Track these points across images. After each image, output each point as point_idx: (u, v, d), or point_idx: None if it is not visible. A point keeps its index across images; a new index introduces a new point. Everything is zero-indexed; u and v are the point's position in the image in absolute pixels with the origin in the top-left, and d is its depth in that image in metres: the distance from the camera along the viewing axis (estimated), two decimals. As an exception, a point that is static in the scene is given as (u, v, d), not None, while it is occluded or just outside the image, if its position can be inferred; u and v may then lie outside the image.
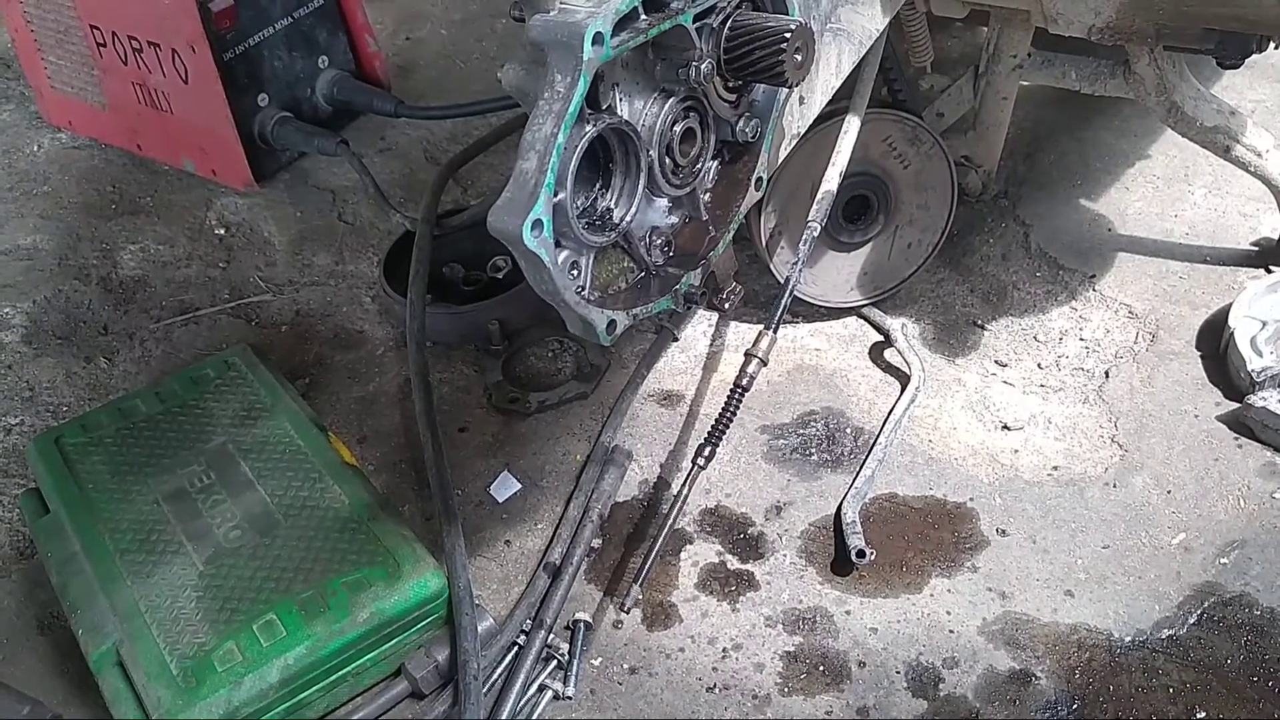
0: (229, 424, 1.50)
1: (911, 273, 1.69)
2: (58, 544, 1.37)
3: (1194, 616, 1.28)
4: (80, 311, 1.87)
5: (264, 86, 2.03)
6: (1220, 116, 1.55)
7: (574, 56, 0.91)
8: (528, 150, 0.92)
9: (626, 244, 1.09)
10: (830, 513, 1.43)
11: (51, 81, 2.23)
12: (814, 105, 1.23)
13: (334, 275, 1.91)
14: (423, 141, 2.20)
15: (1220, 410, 1.49)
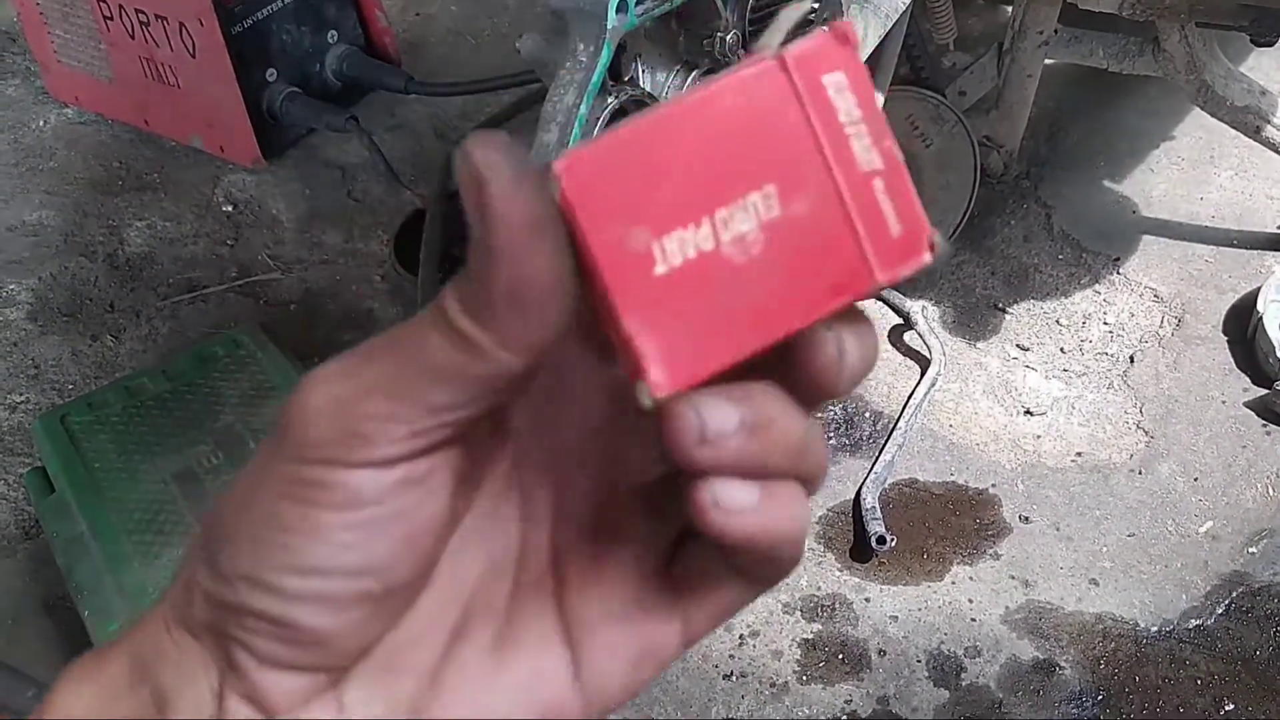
0: (238, 403, 1.47)
1: (932, 254, 1.66)
2: (63, 524, 1.35)
3: (1222, 606, 1.25)
4: (86, 288, 1.85)
5: (272, 61, 2.00)
6: (1251, 96, 1.52)
7: (597, 25, 0.87)
8: (548, 122, 0.89)
9: (647, 221, 1.06)
10: (849, 498, 1.40)
11: (58, 55, 2.20)
12: (839, 80, 1.20)
13: (343, 253, 1.88)
14: (433, 118, 2.17)
15: (1248, 396, 1.46)
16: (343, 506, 0.35)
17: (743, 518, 0.32)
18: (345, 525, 0.36)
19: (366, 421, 0.35)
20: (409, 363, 0.35)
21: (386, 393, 0.35)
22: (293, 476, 0.35)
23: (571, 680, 0.39)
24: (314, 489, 0.35)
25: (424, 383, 0.35)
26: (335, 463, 0.35)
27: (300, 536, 0.35)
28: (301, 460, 0.35)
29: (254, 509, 0.36)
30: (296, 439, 0.35)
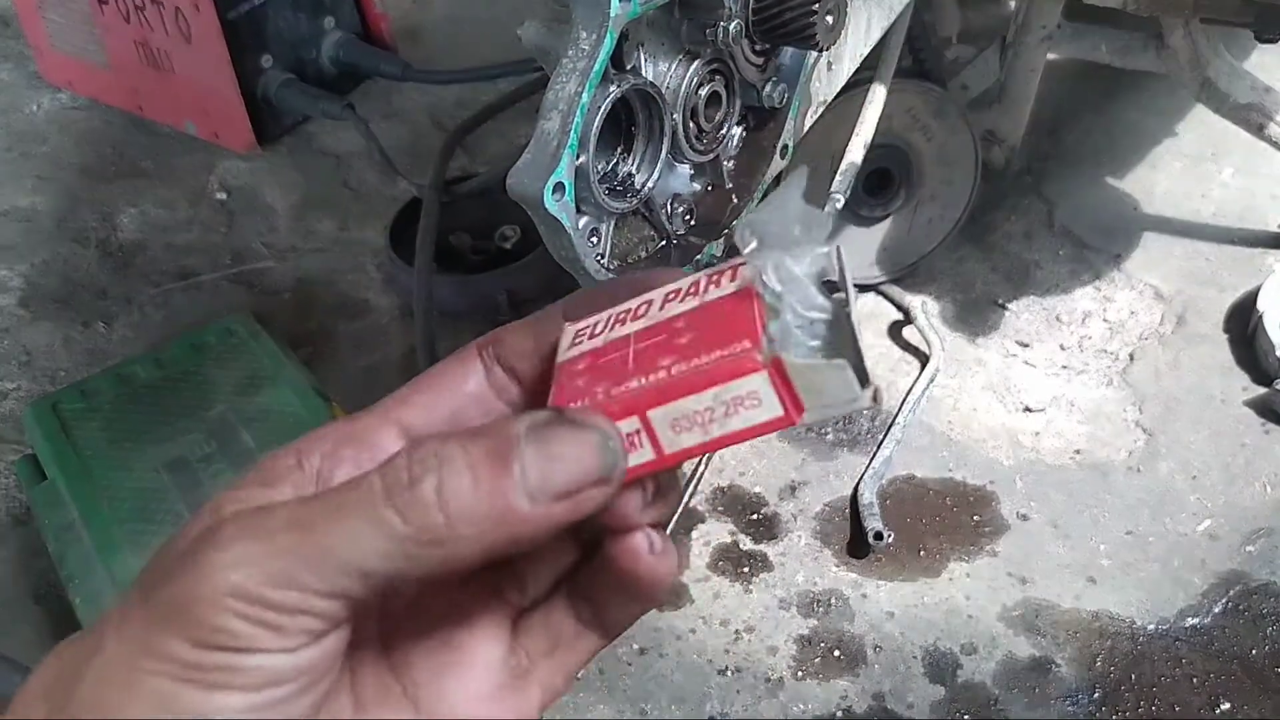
0: (230, 392, 1.46)
1: (933, 249, 1.65)
2: (55, 512, 1.34)
3: (1219, 605, 1.24)
4: (78, 275, 1.83)
5: (268, 47, 1.98)
6: (1255, 94, 1.51)
7: (600, 12, 0.86)
8: (550, 110, 0.88)
9: (648, 211, 1.05)
10: (846, 494, 1.39)
11: (51, 40, 2.18)
12: (842, 72, 1.19)
13: (338, 242, 1.86)
14: (430, 107, 2.15)
15: (1248, 395, 1.46)
16: (252, 688, 0.35)
17: (666, 559, 0.40)
18: (255, 705, 0.35)
19: (279, 614, 0.34)
20: (331, 553, 0.35)
21: (306, 571, 0.34)
22: (193, 661, 0.34)
23: None
24: (218, 673, 0.34)
25: (351, 567, 0.35)
26: (245, 650, 0.34)
27: None
28: (203, 646, 0.34)
29: (141, 698, 0.34)
30: (198, 623, 0.34)
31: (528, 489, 0.35)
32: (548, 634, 0.43)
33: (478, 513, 0.35)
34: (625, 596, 0.42)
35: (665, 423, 0.38)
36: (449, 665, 0.42)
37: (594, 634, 0.43)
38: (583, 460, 0.36)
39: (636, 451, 0.38)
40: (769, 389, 0.37)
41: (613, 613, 0.43)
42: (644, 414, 0.38)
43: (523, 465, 0.35)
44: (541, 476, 0.35)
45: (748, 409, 0.37)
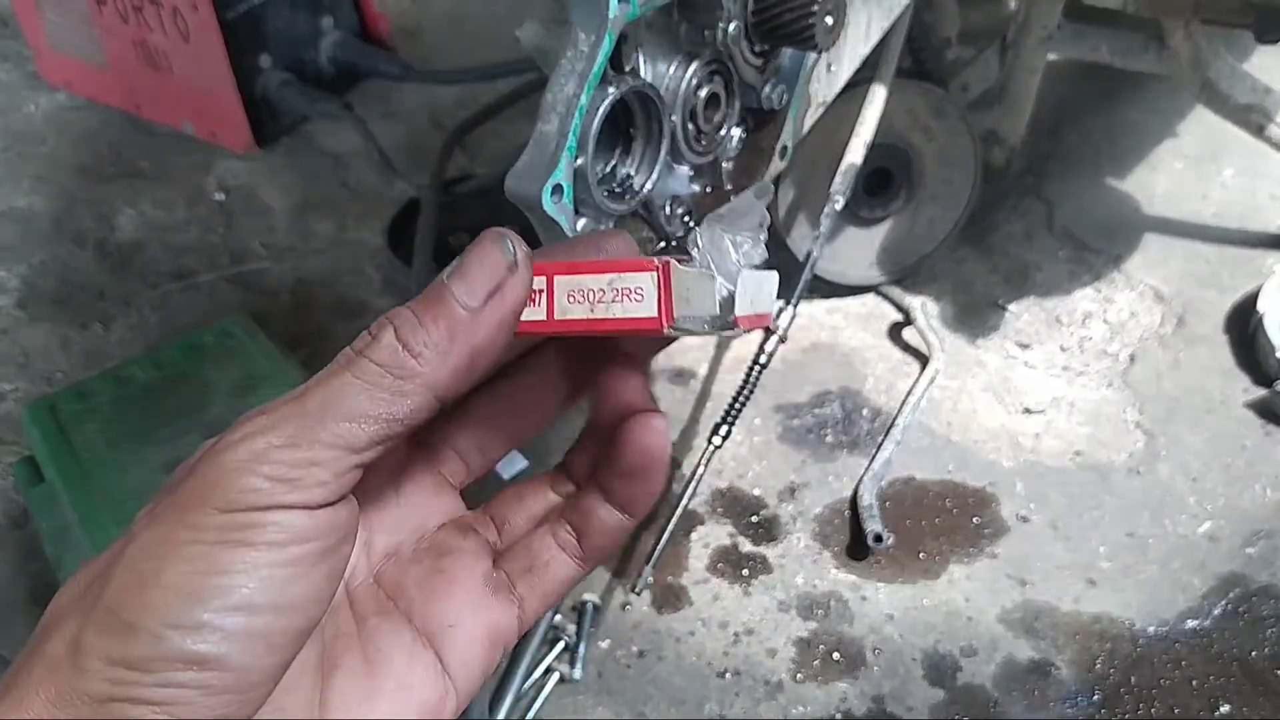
0: (228, 393, 1.45)
1: (933, 249, 1.65)
2: (52, 513, 1.33)
3: (1219, 608, 1.24)
4: (76, 276, 1.82)
5: (266, 47, 1.98)
6: (1255, 94, 1.50)
7: (599, 14, 0.86)
8: (548, 112, 0.88)
9: (646, 213, 1.04)
10: (846, 495, 1.39)
11: (50, 40, 2.17)
12: (842, 73, 1.18)
13: (336, 243, 1.86)
14: (428, 107, 2.15)
15: (1248, 396, 1.45)
16: (277, 544, 0.39)
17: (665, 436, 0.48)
18: (279, 562, 0.39)
19: (291, 468, 0.39)
20: (326, 408, 0.41)
21: (307, 440, 0.40)
22: (223, 524, 0.38)
23: (440, 675, 0.47)
24: (248, 531, 0.38)
25: (344, 426, 0.40)
26: (268, 507, 0.39)
27: (237, 576, 0.38)
28: (230, 508, 0.39)
29: (181, 560, 0.38)
30: (224, 489, 0.39)
31: (460, 301, 0.42)
32: (527, 555, 0.50)
33: (431, 337, 0.41)
34: (634, 479, 0.48)
35: (564, 291, 0.45)
36: (437, 585, 0.49)
37: (571, 559, 0.50)
38: (488, 258, 0.43)
39: (532, 308, 0.45)
40: (652, 287, 0.44)
41: (593, 538, 0.50)
42: (551, 278, 0.45)
43: (451, 289, 0.42)
44: (466, 286, 0.42)
45: (631, 300, 0.44)
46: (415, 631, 0.47)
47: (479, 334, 0.42)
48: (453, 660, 0.47)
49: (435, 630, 0.47)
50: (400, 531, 0.51)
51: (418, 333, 0.41)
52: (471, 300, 0.42)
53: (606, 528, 0.49)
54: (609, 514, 0.49)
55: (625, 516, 0.49)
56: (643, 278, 0.44)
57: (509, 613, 0.49)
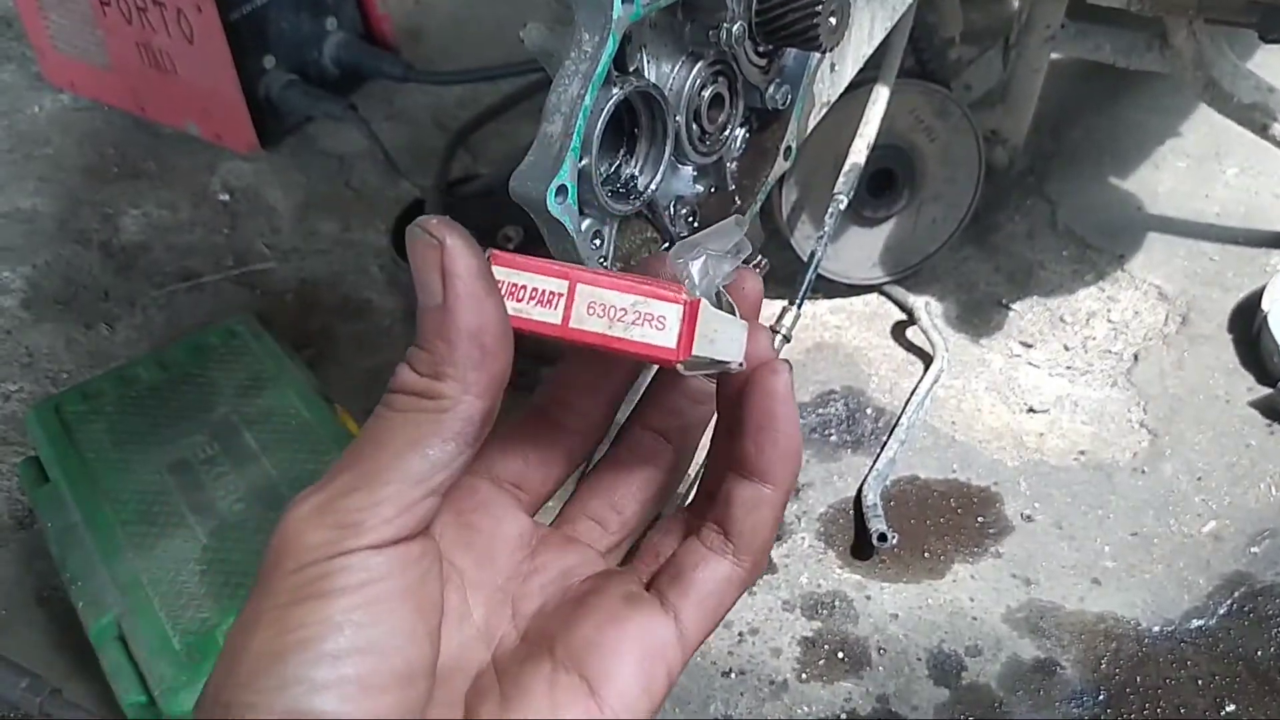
0: (233, 394, 1.46)
1: (936, 249, 1.65)
2: (57, 514, 1.34)
3: (1224, 607, 1.24)
4: (81, 276, 1.83)
5: (270, 48, 1.98)
6: (1259, 93, 1.50)
7: (603, 15, 0.86)
8: (553, 113, 0.88)
9: (651, 214, 1.04)
10: (850, 495, 1.39)
11: (54, 41, 2.18)
12: (845, 73, 1.18)
13: (340, 243, 1.86)
14: (431, 108, 2.15)
15: (1252, 395, 1.45)
16: (351, 589, 0.39)
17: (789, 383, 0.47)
18: (357, 605, 0.39)
19: (354, 513, 0.39)
20: (378, 450, 0.41)
21: (366, 484, 0.40)
22: (296, 582, 0.39)
23: (588, 697, 0.45)
24: (320, 582, 0.39)
25: (398, 459, 0.41)
26: (336, 554, 0.39)
27: (314, 628, 0.38)
28: (301, 567, 0.39)
29: (262, 627, 0.38)
30: (292, 552, 0.39)
31: (429, 306, 0.42)
32: (674, 566, 0.49)
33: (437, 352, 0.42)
34: (764, 435, 0.47)
35: (585, 300, 0.45)
36: (575, 614, 0.48)
37: (723, 557, 0.48)
38: (415, 255, 0.43)
39: (547, 310, 0.45)
40: (677, 320, 0.45)
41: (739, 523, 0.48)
42: (575, 283, 0.45)
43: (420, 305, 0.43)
44: (423, 291, 0.43)
45: (652, 328, 0.45)
46: (555, 661, 0.46)
47: (464, 319, 0.42)
48: (600, 681, 0.45)
49: (576, 654, 0.46)
50: (543, 595, 0.50)
51: (425, 356, 0.42)
52: (433, 298, 0.42)
53: (750, 506, 0.47)
54: (749, 489, 0.47)
55: (768, 487, 0.47)
56: (669, 308, 0.45)
57: (661, 624, 0.47)
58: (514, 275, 0.46)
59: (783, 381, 0.46)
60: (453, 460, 0.42)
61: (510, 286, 0.46)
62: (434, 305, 0.42)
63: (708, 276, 0.47)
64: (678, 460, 0.55)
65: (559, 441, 0.54)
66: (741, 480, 0.47)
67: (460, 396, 0.42)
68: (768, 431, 0.46)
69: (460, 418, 0.42)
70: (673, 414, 0.54)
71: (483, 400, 0.42)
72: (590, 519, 0.54)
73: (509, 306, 0.45)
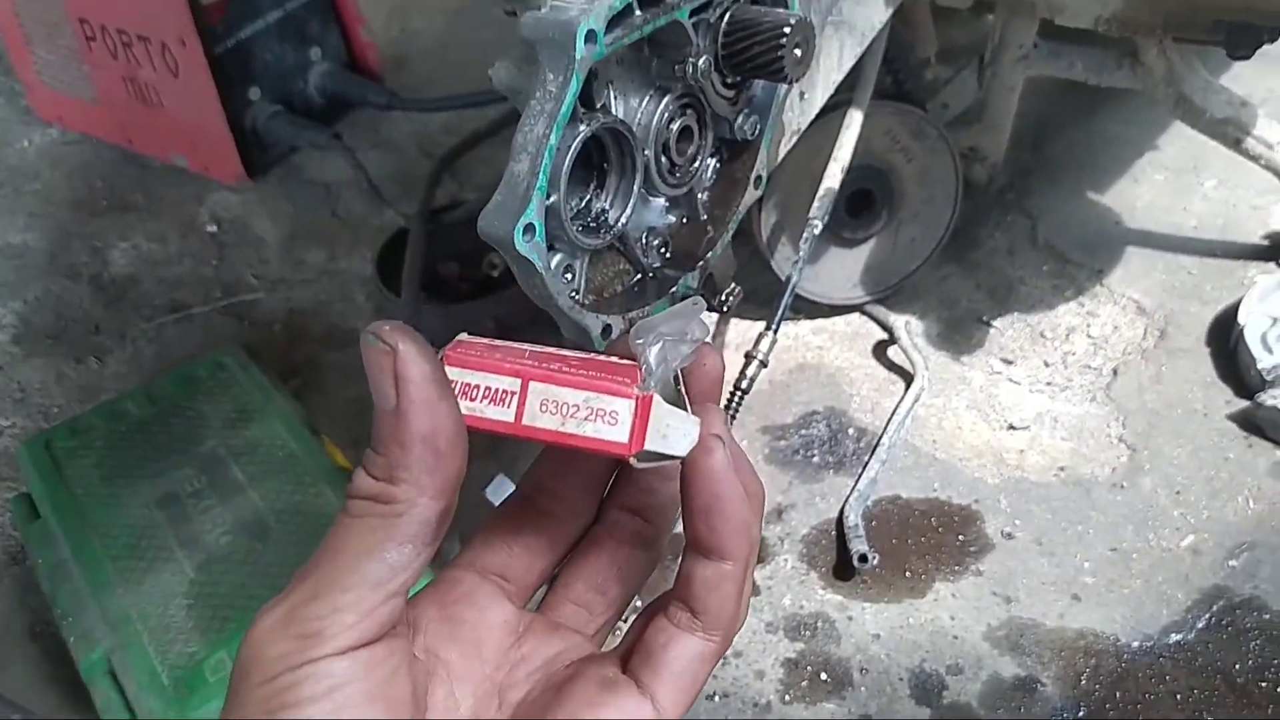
0: (221, 426, 1.47)
1: (916, 268, 1.66)
2: (48, 549, 1.35)
3: (1203, 621, 1.25)
4: (71, 310, 1.85)
5: (255, 80, 2.00)
6: (1230, 108, 1.52)
7: (566, 55, 0.87)
8: (519, 152, 0.89)
9: (623, 246, 1.05)
10: (833, 515, 1.40)
11: (41, 76, 2.20)
12: (815, 100, 1.20)
13: (327, 272, 1.88)
14: (417, 135, 2.17)
15: (1231, 409, 1.46)
16: (317, 698, 0.40)
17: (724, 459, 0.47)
18: (324, 713, 0.40)
19: (315, 622, 0.41)
20: (336, 557, 0.42)
21: (325, 591, 0.42)
22: (264, 695, 0.40)
23: None
24: (287, 693, 0.40)
25: (356, 565, 0.42)
26: (300, 664, 0.40)
27: None
28: (267, 679, 0.40)
29: None
30: (257, 665, 0.41)
31: (383, 410, 0.44)
32: (644, 646, 0.49)
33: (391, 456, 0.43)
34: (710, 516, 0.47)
35: (538, 398, 0.46)
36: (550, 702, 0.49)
37: (691, 633, 0.49)
38: (370, 363, 0.44)
39: (500, 408, 0.46)
40: (629, 415, 0.45)
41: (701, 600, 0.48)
42: (527, 381, 0.46)
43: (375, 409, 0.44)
44: (377, 395, 0.44)
45: (604, 423, 0.46)
46: None
47: (417, 423, 0.43)
48: None
49: None
50: (529, 683, 0.51)
51: (380, 461, 0.43)
52: (387, 402, 0.43)
53: (712, 584, 0.48)
54: (709, 568, 0.48)
55: (727, 564, 0.47)
56: (619, 403, 0.45)
57: (637, 706, 0.47)
58: (467, 375, 0.47)
59: (719, 460, 0.47)
60: (410, 562, 0.43)
61: (464, 386, 0.47)
62: (388, 410, 0.43)
63: (664, 363, 0.48)
64: (656, 536, 0.56)
65: (544, 530, 0.55)
66: (700, 559, 0.48)
67: (415, 499, 0.43)
68: (715, 512, 0.47)
69: (416, 520, 0.43)
70: (646, 492, 0.55)
71: (438, 502, 0.44)
72: (574, 603, 0.55)
73: (463, 406, 0.46)
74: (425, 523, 0.43)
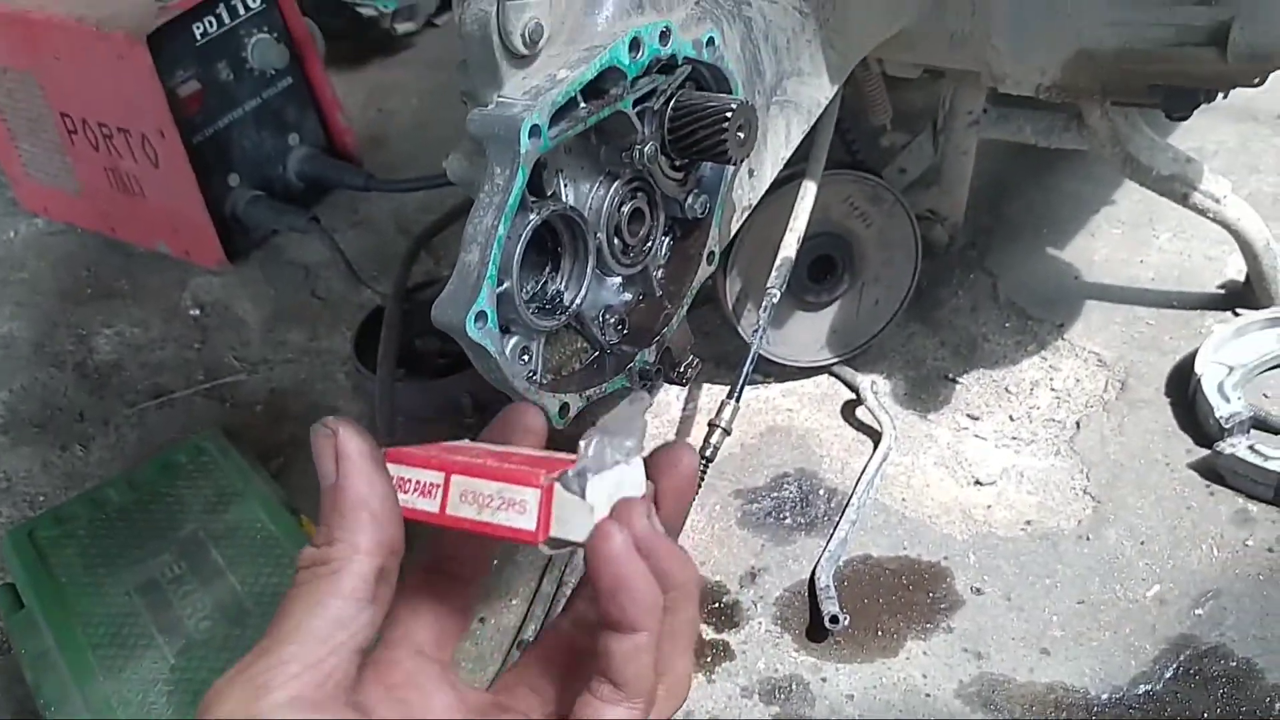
0: (200, 511, 1.50)
1: (880, 329, 1.69)
2: (32, 640, 1.37)
3: (1170, 670, 1.26)
4: (56, 399, 1.88)
5: (234, 167, 2.05)
6: (1176, 165, 1.56)
7: (511, 150, 0.92)
8: (469, 243, 0.93)
9: (579, 325, 1.10)
10: (805, 577, 1.42)
11: (26, 169, 2.25)
12: (764, 176, 1.24)
13: (308, 352, 1.91)
14: (395, 213, 2.22)
15: (1191, 458, 1.49)
16: None
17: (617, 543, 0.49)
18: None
19: (263, 674, 0.44)
20: (283, 618, 0.46)
21: (274, 646, 0.45)
22: None
23: None
24: None
25: (300, 621, 0.46)
26: (248, 716, 0.44)
27: None
28: None
29: None
30: (212, 715, 0.44)
31: (326, 484, 0.51)
32: None
33: (330, 523, 0.49)
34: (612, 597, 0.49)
35: (458, 490, 0.50)
36: None
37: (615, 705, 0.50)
38: (316, 446, 0.51)
39: (427, 499, 0.51)
40: (535, 504, 0.49)
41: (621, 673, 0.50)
42: (450, 476, 0.51)
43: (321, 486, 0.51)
44: (320, 471, 0.51)
45: (514, 511, 0.49)
46: None
47: (353, 490, 0.49)
48: None
49: None
50: None
51: (321, 530, 0.48)
52: (328, 479, 0.50)
53: (628, 657, 0.49)
54: (624, 642, 0.49)
55: (641, 635, 0.49)
56: (528, 493, 0.49)
57: None
58: (401, 470, 0.53)
59: (615, 545, 0.49)
60: (353, 618, 0.47)
61: (399, 480, 0.52)
62: (329, 485, 0.49)
63: (603, 455, 0.51)
64: None
65: (459, 594, 0.58)
66: (613, 634, 0.50)
67: (350, 556, 0.47)
68: (621, 592, 0.49)
69: (353, 574, 0.47)
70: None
71: (373, 558, 0.48)
72: (527, 687, 0.56)
73: (398, 498, 0.51)
74: (362, 578, 0.47)
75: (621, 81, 0.99)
